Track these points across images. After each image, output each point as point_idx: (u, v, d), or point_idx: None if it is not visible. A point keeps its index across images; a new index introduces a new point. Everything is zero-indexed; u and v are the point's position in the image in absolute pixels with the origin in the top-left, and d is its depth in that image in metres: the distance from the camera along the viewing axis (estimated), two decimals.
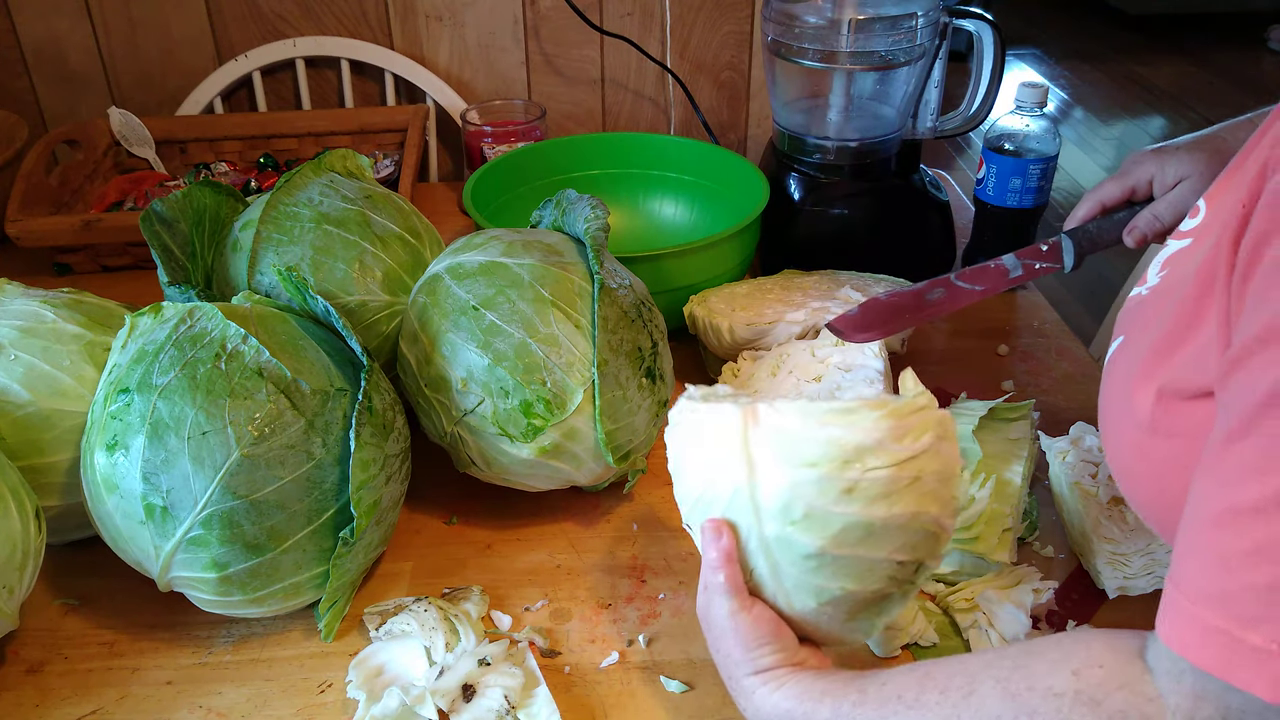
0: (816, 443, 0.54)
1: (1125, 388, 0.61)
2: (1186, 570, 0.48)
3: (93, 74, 1.55)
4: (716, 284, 1.07)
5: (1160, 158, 0.82)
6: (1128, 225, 0.84)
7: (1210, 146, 0.81)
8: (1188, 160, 0.81)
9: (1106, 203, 0.85)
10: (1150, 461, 0.59)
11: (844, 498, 0.54)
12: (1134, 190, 0.84)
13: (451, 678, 0.71)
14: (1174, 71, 4.47)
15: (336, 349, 0.78)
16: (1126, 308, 0.67)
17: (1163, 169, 0.82)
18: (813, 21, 1.12)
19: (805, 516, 0.55)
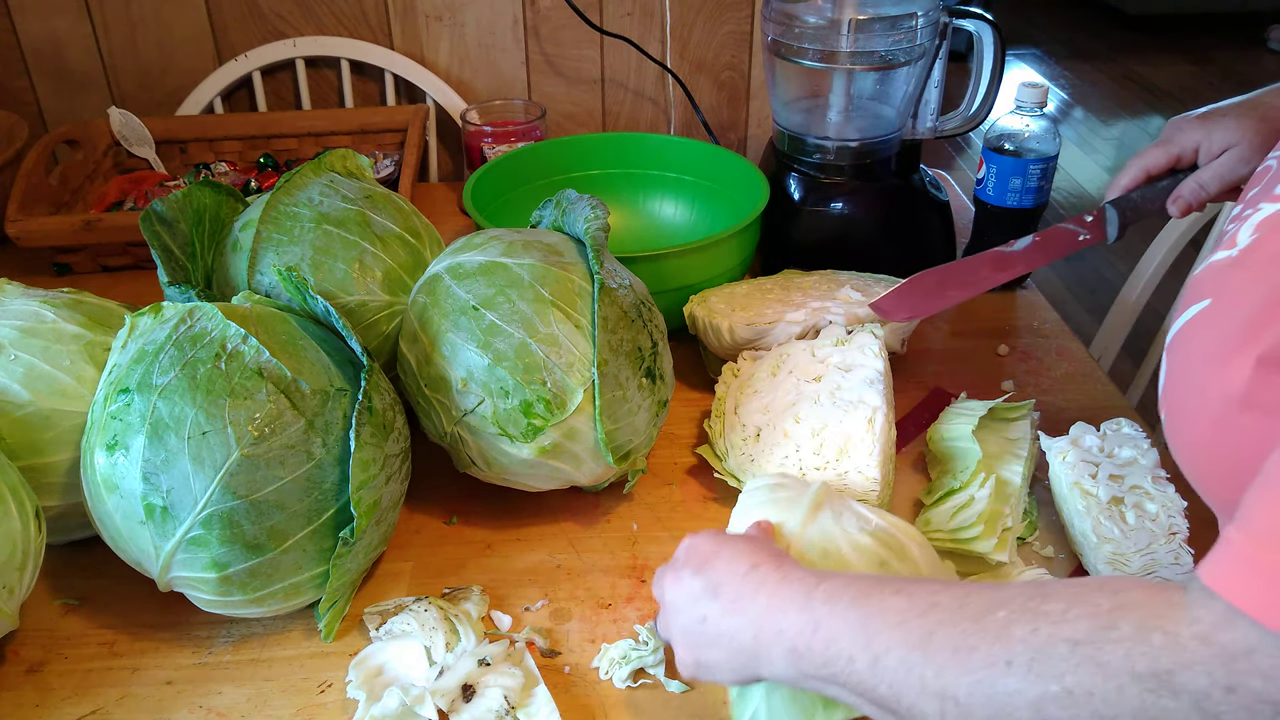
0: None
1: (1213, 356, 0.56)
2: (1255, 512, 0.45)
3: (93, 74, 1.55)
4: (716, 284, 1.07)
5: (1206, 124, 0.80)
6: (1171, 194, 0.82)
7: (1257, 113, 0.79)
8: (1235, 128, 0.79)
9: (1151, 170, 0.83)
10: (1235, 438, 0.54)
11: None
12: (1179, 158, 0.82)
13: (451, 678, 0.71)
14: (1174, 71, 4.47)
15: (336, 349, 0.79)
16: (1210, 271, 0.61)
17: (1209, 136, 0.80)
18: (813, 21, 1.12)
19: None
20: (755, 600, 0.58)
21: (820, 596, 0.55)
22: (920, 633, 0.50)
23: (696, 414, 1.01)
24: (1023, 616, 0.48)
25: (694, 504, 0.90)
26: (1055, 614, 0.47)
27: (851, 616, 0.53)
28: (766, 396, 0.92)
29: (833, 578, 0.57)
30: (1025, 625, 0.47)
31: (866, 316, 0.98)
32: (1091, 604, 0.47)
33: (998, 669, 0.47)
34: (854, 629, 0.53)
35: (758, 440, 0.89)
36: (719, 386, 0.96)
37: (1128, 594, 0.46)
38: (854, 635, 0.53)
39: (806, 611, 0.55)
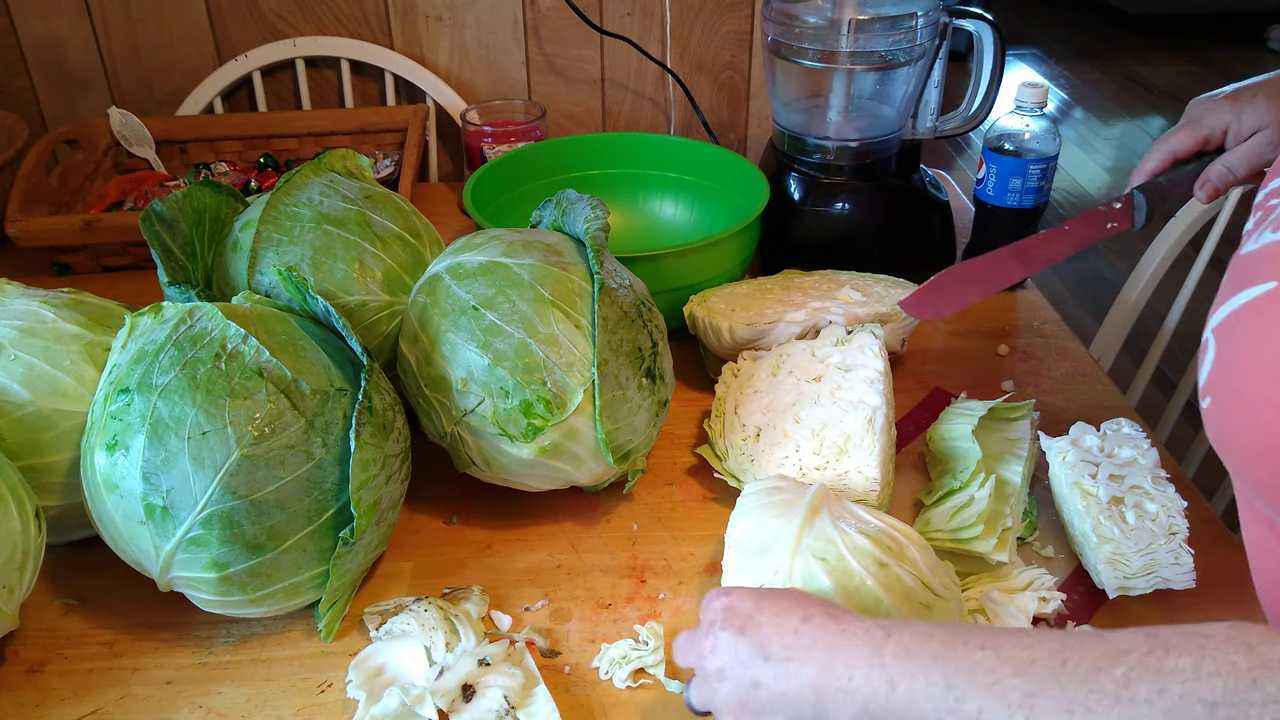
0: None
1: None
2: None
3: (93, 74, 1.55)
4: (716, 284, 1.07)
5: (1235, 106, 0.78)
6: (1199, 178, 0.81)
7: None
8: (1265, 109, 0.77)
9: (1179, 154, 0.81)
10: None
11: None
12: (1207, 140, 0.80)
13: (451, 678, 0.71)
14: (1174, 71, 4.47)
15: (336, 349, 0.79)
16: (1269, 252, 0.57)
17: (1239, 118, 0.78)
18: (813, 21, 1.12)
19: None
20: (812, 656, 0.53)
21: (892, 650, 0.51)
22: (1020, 694, 0.46)
23: (696, 414, 1.01)
24: (1145, 674, 0.44)
25: (694, 504, 0.90)
26: (1184, 671, 0.44)
27: (934, 674, 0.49)
28: (766, 396, 0.92)
29: (902, 628, 0.52)
30: (1150, 685, 0.44)
31: (866, 316, 0.98)
32: (1225, 661, 0.43)
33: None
34: (938, 688, 0.48)
35: (758, 440, 0.89)
36: (719, 386, 0.96)
37: (1265, 649, 0.43)
38: (939, 696, 0.48)
39: (878, 668, 0.50)
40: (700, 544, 0.85)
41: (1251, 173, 0.80)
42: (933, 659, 0.49)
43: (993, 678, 0.47)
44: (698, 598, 0.80)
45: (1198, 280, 1.40)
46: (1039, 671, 0.46)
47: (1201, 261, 1.39)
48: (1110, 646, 0.46)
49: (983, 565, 0.80)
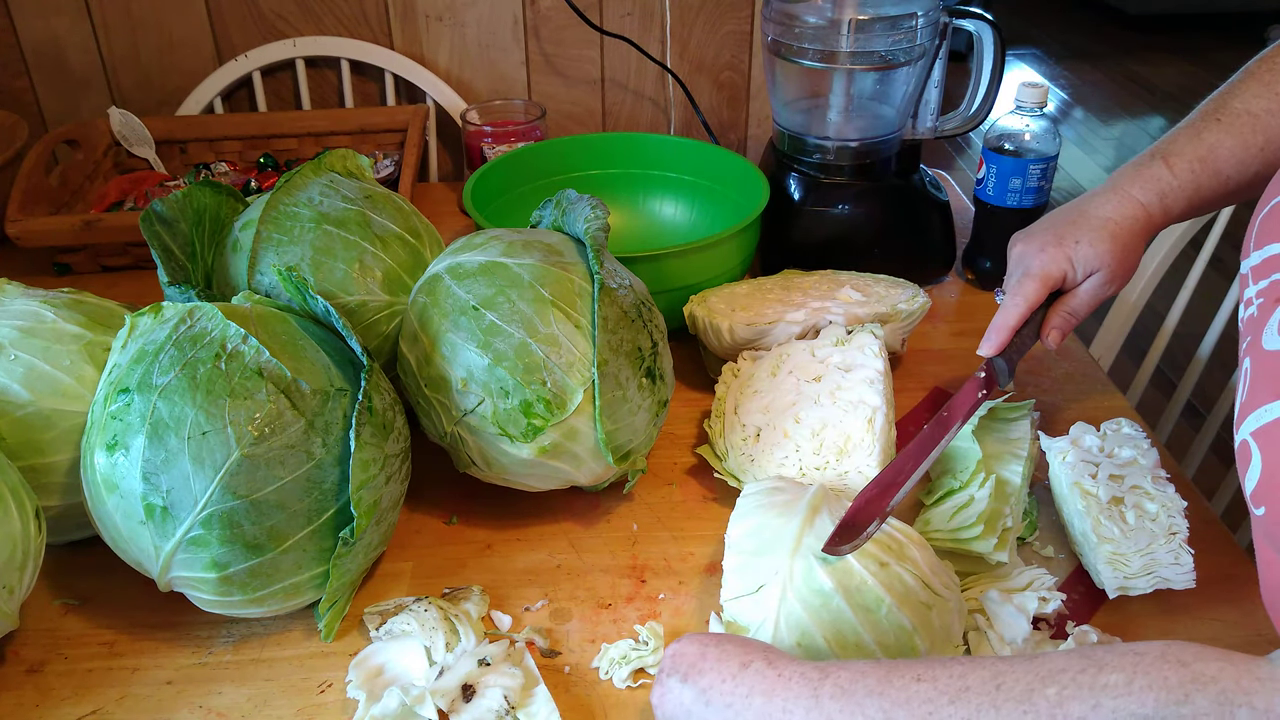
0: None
1: None
2: None
3: (93, 74, 1.55)
4: (716, 284, 1.07)
5: (1065, 253, 0.83)
6: (1044, 327, 0.86)
7: (1106, 232, 0.82)
8: (1094, 255, 0.82)
9: (1033, 305, 0.85)
10: None
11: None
12: (1052, 289, 0.85)
13: (451, 678, 0.71)
14: (1174, 71, 4.47)
15: (336, 349, 0.79)
16: None
17: (1074, 266, 0.83)
18: (813, 21, 1.12)
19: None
20: (750, 702, 0.54)
21: (829, 691, 0.52)
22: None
23: (696, 414, 1.01)
24: (1078, 692, 0.45)
25: (694, 504, 0.90)
26: (1116, 687, 0.44)
27: (871, 710, 0.50)
28: (766, 396, 0.92)
29: (839, 669, 0.53)
30: (1084, 701, 0.45)
31: (866, 316, 0.98)
32: (1158, 676, 0.44)
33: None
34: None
35: (758, 440, 0.89)
36: (719, 386, 0.96)
37: (1199, 665, 0.44)
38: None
39: (815, 710, 0.51)
40: (700, 544, 0.85)
41: (1090, 312, 0.85)
42: (868, 695, 0.50)
43: (929, 708, 0.48)
44: (698, 598, 0.80)
45: (1198, 280, 1.40)
46: (973, 698, 0.48)
47: (1201, 261, 1.39)
48: (1044, 667, 0.47)
49: (983, 565, 0.80)
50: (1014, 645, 0.72)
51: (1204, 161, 0.81)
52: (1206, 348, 1.40)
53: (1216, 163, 0.81)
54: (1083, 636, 0.74)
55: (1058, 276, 0.84)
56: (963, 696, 0.48)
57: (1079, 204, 0.86)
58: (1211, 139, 0.81)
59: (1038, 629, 0.76)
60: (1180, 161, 0.82)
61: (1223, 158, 0.80)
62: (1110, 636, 0.74)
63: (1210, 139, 0.81)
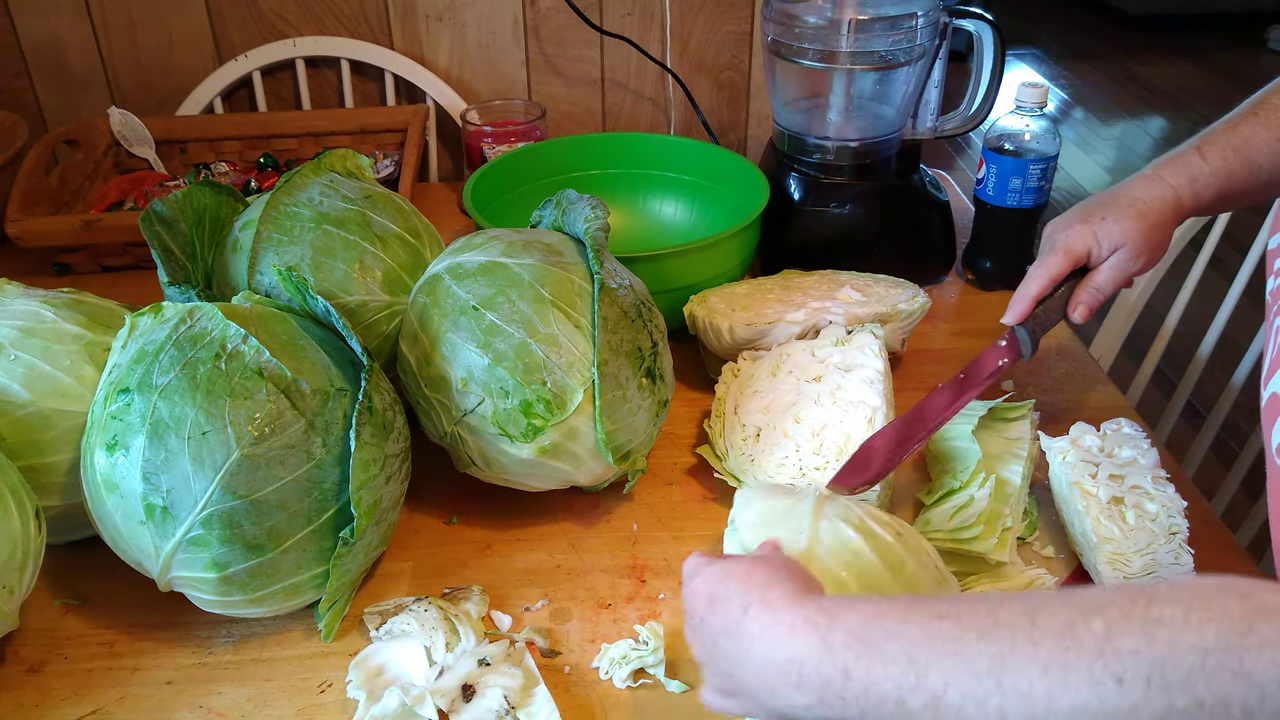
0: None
1: None
2: None
3: (93, 74, 1.55)
4: (716, 284, 1.07)
5: (1091, 229, 0.85)
6: (1070, 302, 0.87)
7: (1134, 211, 0.84)
8: (1119, 231, 0.84)
9: (1057, 277, 0.86)
10: None
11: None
12: (1077, 261, 0.86)
13: (451, 678, 0.71)
14: (1174, 71, 4.47)
15: (336, 349, 0.79)
16: None
17: (1099, 241, 0.85)
18: (813, 21, 1.12)
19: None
20: (752, 657, 0.51)
21: (841, 638, 0.48)
22: (989, 659, 0.44)
23: (696, 414, 1.01)
24: (1129, 626, 0.42)
25: (694, 504, 0.90)
26: (1172, 621, 0.41)
27: (891, 653, 0.46)
28: (766, 396, 0.92)
29: (847, 611, 0.49)
30: (1136, 636, 0.42)
31: (866, 316, 0.98)
32: (1218, 608, 0.41)
33: (1105, 686, 0.41)
34: (897, 667, 0.46)
35: (758, 440, 0.89)
36: (719, 386, 0.96)
37: (1262, 596, 0.42)
38: (899, 675, 0.45)
39: (828, 660, 0.48)
40: (700, 544, 0.85)
41: (1116, 289, 0.86)
42: (887, 638, 0.47)
43: (955, 646, 0.45)
44: None
45: (1198, 280, 1.40)
46: (1005, 633, 0.44)
47: (1201, 261, 1.39)
48: (1085, 601, 0.44)
49: (983, 565, 0.80)
50: None
51: (1237, 151, 0.83)
52: (1206, 348, 1.40)
53: (1250, 152, 0.83)
54: None
55: (1081, 251, 0.85)
56: (993, 632, 0.44)
57: (1113, 188, 0.87)
58: (1247, 131, 0.83)
59: None
60: (1214, 150, 0.84)
61: (1256, 148, 0.82)
62: None
63: (1245, 131, 0.83)
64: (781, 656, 0.49)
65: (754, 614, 0.52)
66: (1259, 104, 0.84)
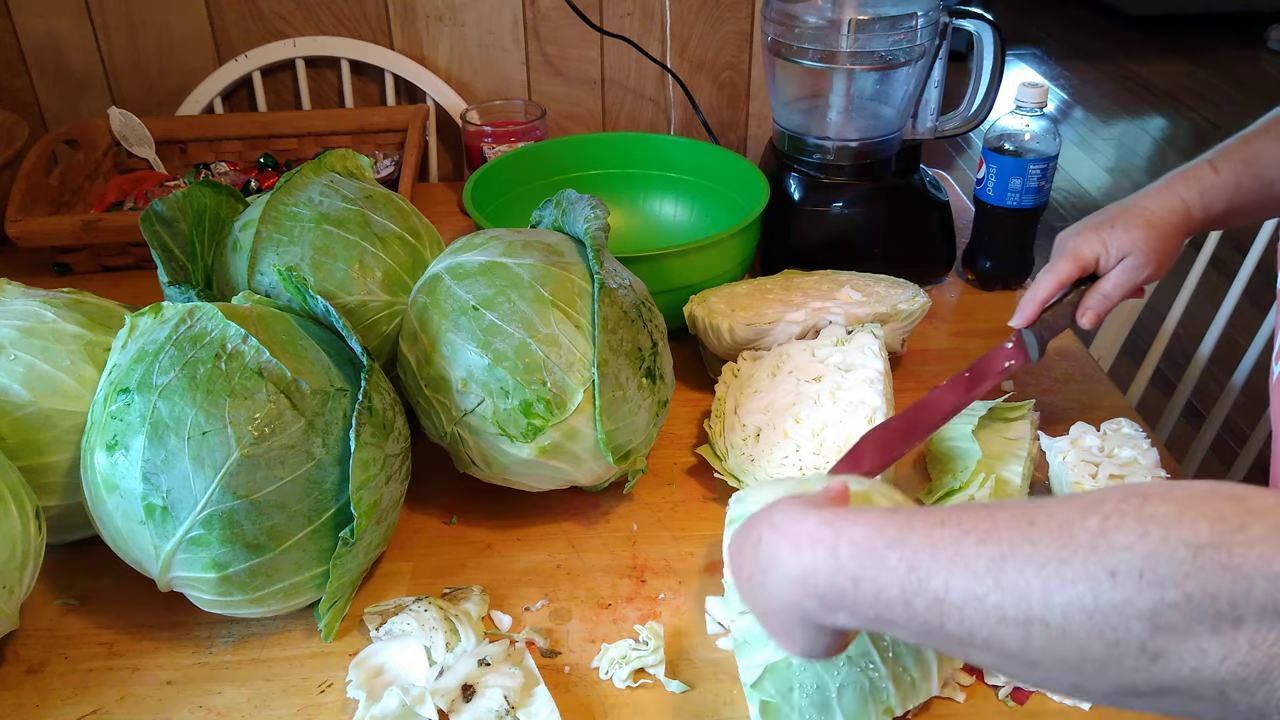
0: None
1: None
2: None
3: (93, 74, 1.55)
4: (716, 284, 1.07)
5: (1101, 236, 0.86)
6: (1079, 308, 0.88)
7: (1143, 220, 0.85)
8: (1126, 239, 0.85)
9: (1064, 282, 0.88)
10: None
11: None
12: (1085, 268, 0.87)
13: (451, 678, 0.71)
14: (1174, 71, 4.47)
15: (336, 349, 0.79)
16: None
17: (1107, 249, 0.86)
18: (813, 21, 1.12)
19: None
20: (772, 576, 0.54)
21: (846, 550, 0.51)
22: (987, 560, 0.45)
23: (696, 414, 1.01)
24: (1122, 521, 0.43)
25: (694, 504, 0.90)
26: (1165, 518, 0.42)
27: (893, 560, 0.48)
28: (766, 396, 0.92)
29: (850, 524, 0.52)
30: (1129, 531, 0.43)
31: (866, 316, 0.98)
32: (1211, 508, 0.42)
33: (1099, 581, 0.42)
34: (900, 573, 0.48)
35: (758, 440, 0.89)
36: (719, 386, 0.96)
37: (1255, 500, 0.43)
38: (902, 580, 0.48)
39: (837, 570, 0.51)
40: (700, 544, 0.85)
41: (1124, 296, 0.87)
42: (889, 547, 0.49)
43: (955, 549, 0.47)
44: (698, 597, 0.80)
45: (1198, 280, 1.40)
46: (1004, 534, 0.46)
47: (1201, 261, 1.39)
48: (1081, 501, 0.45)
49: None
50: None
51: (1248, 164, 0.84)
52: (1206, 348, 1.40)
53: (1259, 166, 0.84)
54: None
55: (1089, 257, 0.86)
56: (992, 535, 0.46)
57: (1126, 199, 0.89)
58: (1259, 145, 0.85)
59: None
60: (1225, 164, 0.85)
61: (1266, 163, 0.84)
62: None
63: (1257, 145, 0.85)
64: (796, 572, 0.52)
65: (766, 541, 0.55)
66: (1273, 122, 0.86)
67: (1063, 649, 0.44)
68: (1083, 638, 0.43)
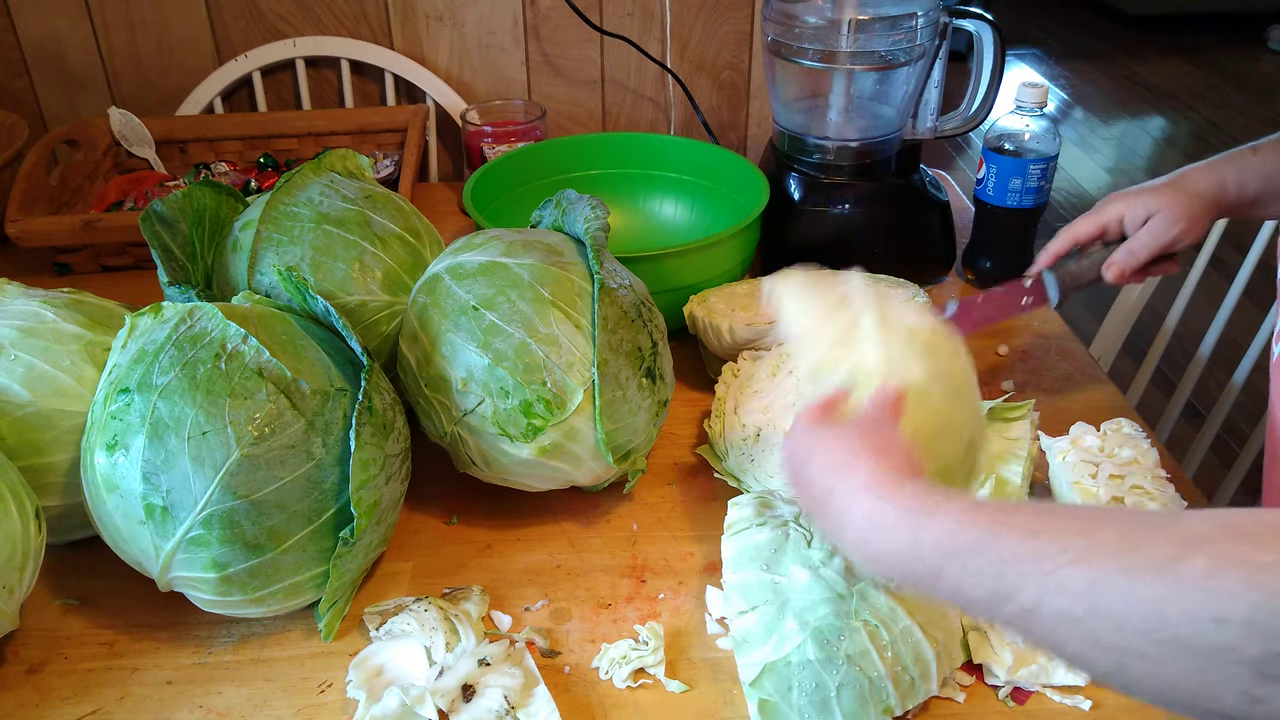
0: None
1: None
2: None
3: (93, 74, 1.55)
4: (716, 284, 1.07)
5: (1128, 198, 0.89)
6: (1105, 262, 0.90)
7: (1177, 185, 0.87)
8: (1154, 200, 0.87)
9: (1079, 239, 0.90)
10: None
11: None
12: (1105, 228, 0.89)
13: (451, 678, 0.71)
14: (1174, 71, 4.47)
15: (336, 349, 0.79)
16: None
17: (1132, 208, 0.88)
18: (813, 21, 1.12)
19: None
20: (845, 536, 0.53)
21: (930, 542, 0.49)
22: (1083, 583, 0.43)
23: (696, 414, 1.01)
24: (1231, 568, 0.41)
25: (694, 504, 0.90)
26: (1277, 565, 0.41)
27: (979, 566, 0.47)
28: (766, 396, 0.92)
29: (942, 513, 0.50)
30: (1238, 579, 0.41)
31: None
32: None
33: (1203, 625, 0.41)
34: (987, 579, 0.46)
35: (758, 440, 0.89)
36: (719, 386, 0.96)
37: None
38: (989, 587, 0.46)
39: (917, 560, 0.49)
40: (700, 544, 0.85)
41: (1152, 254, 0.88)
42: (974, 551, 0.47)
43: (1048, 567, 0.45)
44: (698, 597, 0.80)
45: (1197, 280, 1.40)
46: (1102, 558, 0.44)
47: (1201, 261, 1.39)
48: (1184, 534, 0.43)
49: None
50: (1014, 645, 0.72)
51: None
52: (1206, 348, 1.40)
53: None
54: None
55: (1111, 218, 0.89)
56: (1089, 557, 0.44)
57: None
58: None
59: None
60: (1265, 148, 0.88)
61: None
62: None
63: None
64: (873, 551, 0.52)
65: (839, 498, 0.54)
66: None
67: (1156, 680, 0.43)
68: (1179, 674, 0.42)
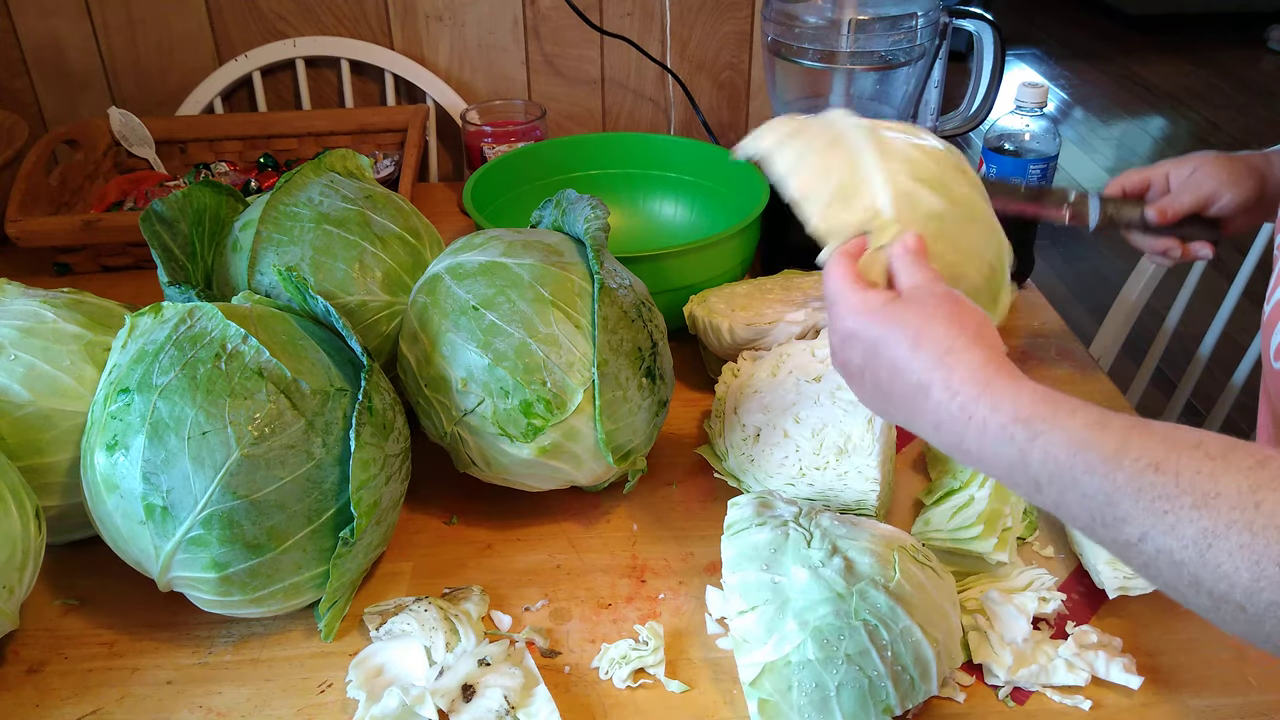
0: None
1: None
2: None
3: (93, 74, 1.55)
4: (716, 284, 1.07)
5: (1178, 159, 0.93)
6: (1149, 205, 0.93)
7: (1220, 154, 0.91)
8: (1200, 159, 0.91)
9: (1128, 189, 0.93)
10: None
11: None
12: (1151, 182, 0.92)
13: (451, 678, 0.71)
14: (1174, 71, 4.47)
15: (336, 349, 0.79)
16: None
17: (1178, 165, 0.92)
18: (813, 21, 1.12)
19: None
20: (940, 439, 0.51)
21: (1039, 457, 0.48)
22: (1198, 530, 0.42)
23: (696, 414, 1.01)
24: None
25: (694, 504, 0.90)
26: None
27: (1090, 488, 0.45)
28: (766, 396, 0.92)
29: (1053, 426, 0.48)
30: None
31: None
32: None
33: None
34: (1095, 503, 0.45)
35: (758, 440, 0.89)
36: (719, 386, 0.96)
37: None
38: (1094, 510, 0.45)
39: (1021, 470, 0.48)
40: (700, 544, 0.85)
41: (1194, 201, 0.91)
42: (1089, 471, 0.46)
43: (1165, 505, 0.43)
44: (698, 597, 0.80)
45: (1197, 280, 1.40)
46: (1224, 511, 0.42)
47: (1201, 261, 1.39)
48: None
49: (983, 565, 0.80)
50: (1014, 645, 0.72)
51: None
52: (1206, 348, 1.40)
53: None
54: (1083, 637, 0.74)
55: (1158, 173, 0.93)
56: (1211, 504, 0.42)
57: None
58: None
59: (1038, 629, 0.76)
60: None
61: None
62: (1110, 637, 0.74)
63: None
64: (970, 448, 0.50)
65: (937, 398, 0.52)
66: None
67: (1249, 628, 0.42)
68: (1275, 628, 0.41)
